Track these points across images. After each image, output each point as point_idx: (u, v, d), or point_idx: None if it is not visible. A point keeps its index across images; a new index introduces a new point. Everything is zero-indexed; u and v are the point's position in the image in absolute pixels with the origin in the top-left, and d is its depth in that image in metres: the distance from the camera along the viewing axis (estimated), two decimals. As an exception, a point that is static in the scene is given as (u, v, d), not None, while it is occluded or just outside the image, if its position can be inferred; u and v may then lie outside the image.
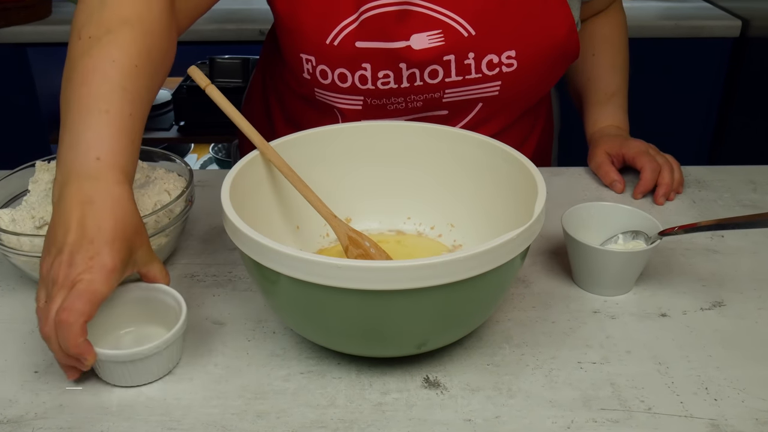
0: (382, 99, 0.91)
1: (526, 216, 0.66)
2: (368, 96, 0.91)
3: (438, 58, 0.88)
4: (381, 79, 0.89)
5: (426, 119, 0.94)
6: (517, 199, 0.73)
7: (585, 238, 0.77)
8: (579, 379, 0.66)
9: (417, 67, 0.88)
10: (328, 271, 0.56)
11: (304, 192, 0.75)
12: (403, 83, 0.89)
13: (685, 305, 0.77)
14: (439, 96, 0.92)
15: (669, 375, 0.67)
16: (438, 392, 0.65)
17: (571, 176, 1.04)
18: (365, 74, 0.88)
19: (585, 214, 0.81)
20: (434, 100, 0.92)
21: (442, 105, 0.93)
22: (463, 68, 0.88)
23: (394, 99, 0.92)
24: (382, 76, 0.89)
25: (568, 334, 0.72)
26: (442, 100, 0.92)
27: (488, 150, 0.77)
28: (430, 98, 0.92)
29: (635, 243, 0.79)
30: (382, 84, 0.89)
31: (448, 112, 0.94)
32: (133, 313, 0.70)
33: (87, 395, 0.65)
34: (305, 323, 0.65)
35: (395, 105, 0.92)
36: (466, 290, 0.59)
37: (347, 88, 0.90)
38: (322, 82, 0.91)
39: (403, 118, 0.94)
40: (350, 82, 0.89)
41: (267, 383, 0.66)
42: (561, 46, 0.90)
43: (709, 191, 1.00)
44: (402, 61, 0.87)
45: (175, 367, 0.68)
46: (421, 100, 0.92)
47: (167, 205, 0.77)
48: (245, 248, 0.61)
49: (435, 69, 0.88)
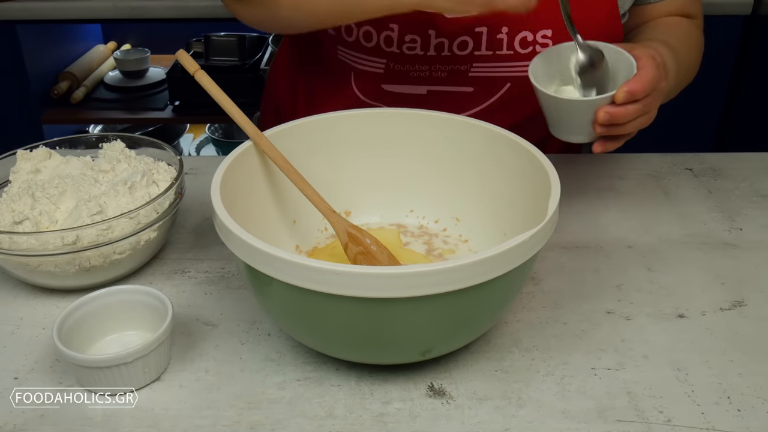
0: (406, 65, 0.87)
1: (537, 211, 0.62)
2: (391, 60, 0.87)
3: (469, 29, 0.83)
4: (407, 43, 0.85)
5: (449, 94, 0.89)
6: (527, 193, 0.69)
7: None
8: (593, 387, 0.62)
9: (446, 36, 0.83)
10: (326, 277, 0.52)
11: (301, 185, 0.70)
12: (430, 51, 0.85)
13: (704, 305, 0.72)
14: (465, 69, 0.87)
15: (688, 382, 0.63)
16: (443, 401, 0.61)
17: (580, 163, 1.00)
18: (391, 35, 0.84)
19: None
20: (460, 73, 0.87)
21: (468, 80, 0.88)
22: (495, 43, 0.84)
23: (418, 66, 0.87)
24: (408, 40, 0.84)
25: (581, 337, 0.68)
26: (468, 74, 0.87)
27: (496, 140, 0.72)
28: (455, 70, 0.87)
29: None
30: (408, 48, 0.85)
31: (473, 89, 0.89)
32: (117, 318, 0.66)
33: (69, 405, 0.61)
34: (301, 329, 0.61)
35: (418, 72, 0.88)
36: (475, 296, 0.55)
37: (371, 48, 0.86)
38: (347, 39, 0.87)
39: (426, 87, 0.89)
40: (375, 41, 0.85)
41: (261, 391, 0.62)
42: (601, 30, 0.85)
43: (726, 180, 0.95)
44: (431, 28, 0.83)
45: (163, 373, 0.64)
46: (446, 71, 0.87)
47: (156, 198, 0.72)
48: (236, 250, 0.57)
49: (465, 40, 0.84)
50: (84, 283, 0.72)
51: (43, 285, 0.73)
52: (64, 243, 0.68)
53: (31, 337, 0.68)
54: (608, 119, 0.71)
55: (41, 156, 0.82)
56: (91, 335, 0.65)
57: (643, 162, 1.00)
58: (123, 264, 0.73)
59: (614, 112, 0.71)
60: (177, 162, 0.80)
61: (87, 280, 0.72)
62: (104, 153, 0.82)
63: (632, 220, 0.86)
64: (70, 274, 0.70)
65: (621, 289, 0.75)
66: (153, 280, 0.76)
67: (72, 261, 0.69)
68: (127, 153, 0.82)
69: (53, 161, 0.82)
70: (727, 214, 0.88)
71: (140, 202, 0.74)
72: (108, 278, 0.73)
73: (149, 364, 0.61)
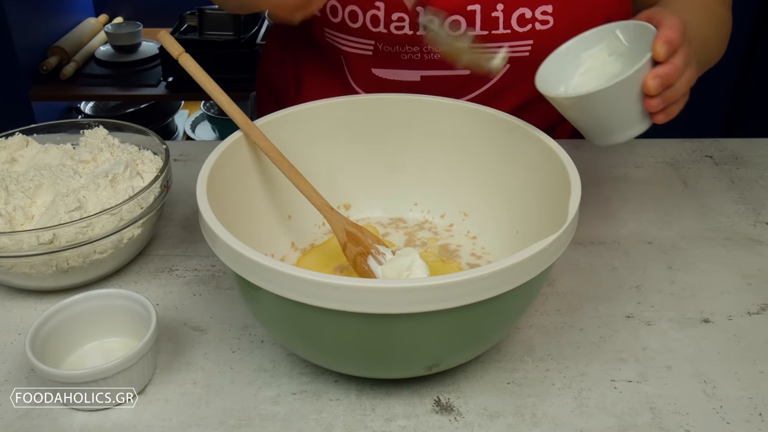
0: (395, 46, 0.81)
1: (553, 208, 0.57)
2: (380, 41, 0.81)
3: (461, 8, 0.77)
4: (395, 22, 0.79)
5: (445, 79, 0.83)
6: (542, 188, 0.63)
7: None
8: (613, 403, 0.57)
9: (436, 15, 0.77)
10: (323, 291, 0.47)
11: (295, 179, 0.65)
12: (420, 30, 0.79)
13: (730, 308, 0.67)
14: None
15: (716, 397, 0.58)
16: (451, 418, 0.56)
17: (592, 150, 0.94)
18: (377, 14, 0.79)
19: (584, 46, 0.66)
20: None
21: None
22: (490, 21, 0.77)
23: (408, 47, 0.81)
24: (396, 18, 0.79)
25: (599, 345, 0.63)
26: None
27: (507, 129, 0.67)
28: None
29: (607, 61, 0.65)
30: (396, 28, 0.79)
31: (470, 72, 0.83)
32: (97, 324, 0.61)
33: (45, 420, 0.56)
34: (296, 342, 0.56)
35: (409, 54, 0.82)
36: (488, 309, 0.50)
37: (357, 29, 0.81)
38: (332, 20, 0.81)
39: (418, 71, 0.84)
40: (361, 21, 0.80)
41: (253, 406, 0.57)
42: (605, 6, 0.78)
43: (748, 168, 0.90)
44: (420, 5, 0.77)
45: (148, 384, 0.59)
46: (439, 53, 0.81)
47: (140, 192, 0.67)
48: (224, 257, 0.52)
49: (457, 20, 0.78)
50: (63, 283, 0.67)
51: (18, 286, 0.68)
52: (40, 242, 0.63)
53: (5, 344, 0.63)
54: (660, 83, 0.60)
55: (18, 144, 0.76)
56: (70, 343, 0.60)
57: (660, 148, 0.94)
58: (104, 264, 0.68)
59: (663, 72, 0.59)
60: (163, 151, 0.74)
61: (66, 281, 0.67)
62: (85, 141, 0.76)
63: (650, 212, 0.81)
64: (47, 275, 0.65)
65: (640, 290, 0.69)
66: (138, 279, 0.71)
67: (48, 262, 0.64)
68: (109, 141, 0.76)
69: (31, 150, 0.76)
70: (752, 207, 0.82)
71: (123, 196, 0.69)
72: (88, 278, 0.68)
73: (132, 379, 0.56)
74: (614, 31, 0.65)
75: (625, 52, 0.66)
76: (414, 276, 0.58)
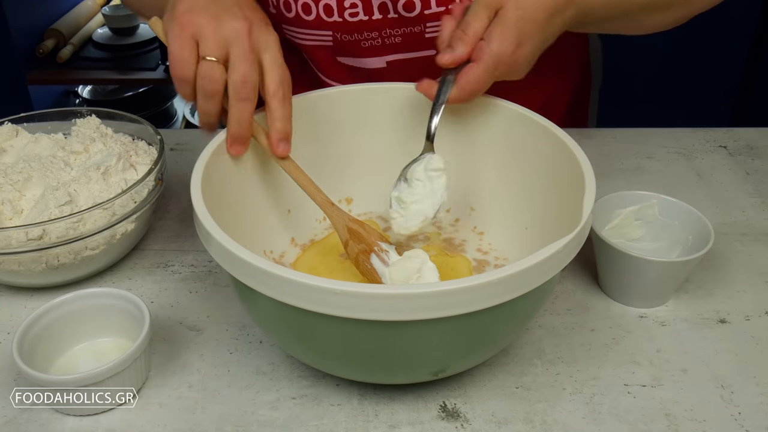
0: (353, 34, 0.78)
1: (565, 203, 0.55)
2: (337, 30, 0.78)
3: None
4: (348, 9, 0.76)
5: (411, 62, 0.79)
6: (552, 182, 0.60)
7: (613, 236, 0.65)
8: (627, 409, 0.55)
9: None
10: (324, 297, 0.44)
11: (294, 173, 0.62)
12: (375, 14, 0.76)
13: (747, 308, 0.65)
14: (420, 31, 0.77)
15: (734, 403, 0.56)
16: (458, 425, 0.54)
17: (602, 139, 0.91)
18: (330, 3, 0.76)
19: (617, 203, 0.68)
20: (415, 35, 0.78)
21: (427, 43, 0.78)
22: None
23: (367, 34, 0.78)
24: (348, 5, 0.76)
25: (611, 347, 0.61)
26: (424, 35, 0.78)
27: (514, 119, 0.64)
28: (409, 33, 0.78)
29: (665, 241, 0.67)
30: (350, 15, 0.76)
31: (436, 52, 0.79)
32: (88, 324, 0.58)
33: (34, 426, 0.54)
34: (295, 346, 0.53)
35: (369, 41, 0.79)
36: (497, 314, 0.47)
37: (312, 21, 0.78)
38: (287, 15, 0.78)
39: (383, 58, 0.80)
40: (314, 13, 0.77)
41: (251, 411, 0.55)
42: None
43: (764, 159, 0.87)
44: None
45: (142, 388, 0.57)
46: (399, 35, 0.78)
47: (133, 186, 0.64)
48: (220, 259, 0.49)
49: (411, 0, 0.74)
50: (53, 280, 0.65)
51: (7, 283, 0.66)
52: (29, 239, 0.60)
53: (-7, 344, 0.61)
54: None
55: (7, 134, 0.73)
56: (60, 344, 0.58)
57: (673, 138, 0.91)
58: (96, 260, 0.65)
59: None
60: (158, 141, 0.72)
61: (56, 278, 0.65)
62: (77, 130, 0.74)
63: (663, 206, 0.78)
64: (37, 272, 0.63)
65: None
66: (132, 275, 0.69)
67: (38, 259, 0.61)
68: (102, 131, 0.74)
69: (21, 139, 0.74)
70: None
71: (116, 190, 0.66)
72: (80, 275, 0.66)
73: (124, 382, 0.54)
74: (652, 200, 0.67)
75: (653, 220, 0.68)
76: (424, 280, 0.55)
